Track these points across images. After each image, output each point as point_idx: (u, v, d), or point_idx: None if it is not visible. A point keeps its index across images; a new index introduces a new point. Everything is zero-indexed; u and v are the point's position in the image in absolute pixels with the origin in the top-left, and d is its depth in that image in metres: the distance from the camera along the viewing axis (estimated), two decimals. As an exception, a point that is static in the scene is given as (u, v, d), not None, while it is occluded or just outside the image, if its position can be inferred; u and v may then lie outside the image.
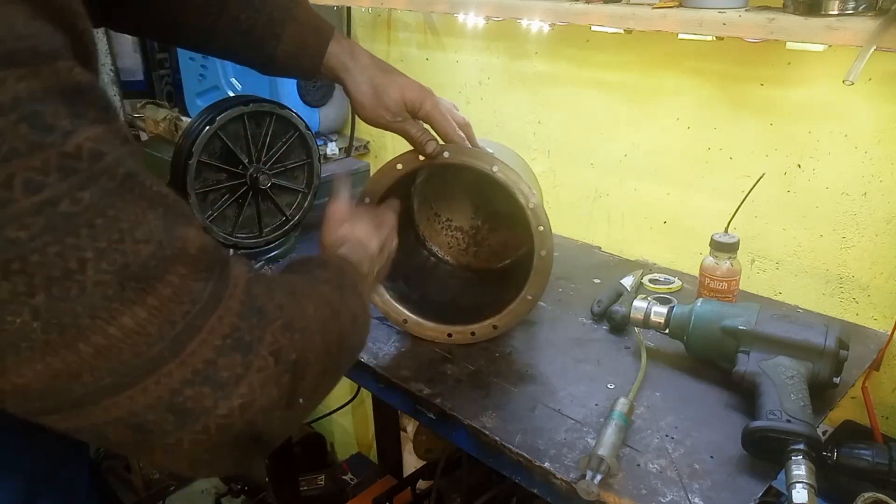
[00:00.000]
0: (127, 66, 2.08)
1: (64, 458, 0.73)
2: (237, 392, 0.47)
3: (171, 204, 0.47)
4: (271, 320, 0.51)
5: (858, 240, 1.10)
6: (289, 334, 0.51)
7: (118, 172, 0.44)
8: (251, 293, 0.50)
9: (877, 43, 0.84)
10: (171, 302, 0.45)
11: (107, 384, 0.44)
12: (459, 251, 1.24)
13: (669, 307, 0.98)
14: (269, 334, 0.50)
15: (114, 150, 0.44)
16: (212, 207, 1.24)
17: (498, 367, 1.00)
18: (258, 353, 0.49)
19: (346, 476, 2.23)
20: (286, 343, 0.51)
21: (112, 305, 0.43)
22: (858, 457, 0.81)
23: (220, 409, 0.47)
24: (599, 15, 1.12)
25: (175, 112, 1.63)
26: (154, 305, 0.44)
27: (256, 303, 0.50)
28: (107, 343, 0.43)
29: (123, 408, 0.45)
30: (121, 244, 0.43)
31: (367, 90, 0.91)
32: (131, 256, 0.43)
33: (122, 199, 0.44)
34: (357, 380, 1.09)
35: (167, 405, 0.45)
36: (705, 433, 0.85)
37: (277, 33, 0.90)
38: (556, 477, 0.79)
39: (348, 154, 1.79)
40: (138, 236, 0.44)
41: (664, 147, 1.29)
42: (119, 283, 0.43)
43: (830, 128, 1.08)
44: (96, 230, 0.42)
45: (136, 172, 0.45)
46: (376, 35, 1.75)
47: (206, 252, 0.48)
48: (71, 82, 0.43)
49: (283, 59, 0.91)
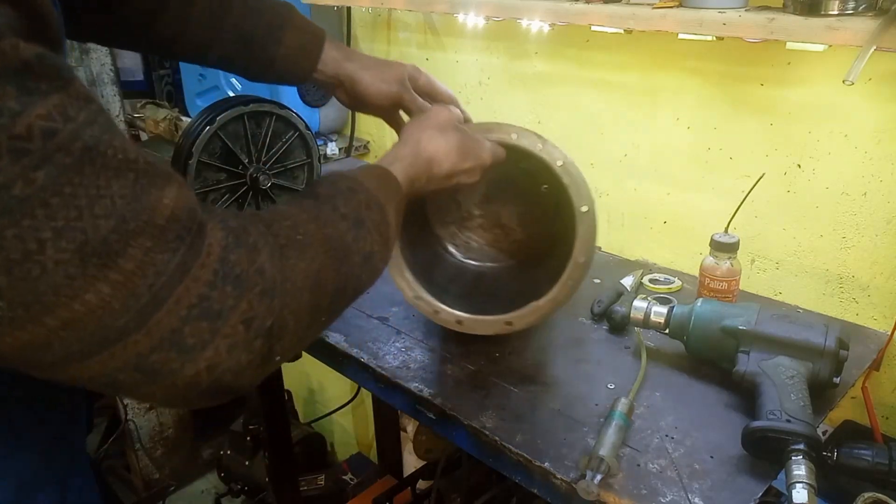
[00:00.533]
0: (127, 66, 2.09)
1: (59, 454, 0.73)
2: (203, 356, 0.48)
3: (141, 168, 0.46)
4: (248, 287, 0.50)
5: (858, 240, 1.10)
6: (266, 300, 0.51)
7: (74, 147, 0.43)
8: (227, 261, 0.50)
9: (877, 43, 0.84)
10: (135, 276, 0.45)
11: (76, 351, 0.45)
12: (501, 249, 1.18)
13: (669, 307, 0.98)
14: (244, 302, 0.50)
15: (69, 123, 0.43)
16: (212, 207, 1.24)
17: (498, 367, 0.99)
18: (227, 321, 0.49)
19: (346, 476, 2.23)
20: (262, 310, 0.51)
21: (75, 283, 0.43)
22: (858, 457, 0.81)
23: (186, 371, 0.48)
24: (599, 15, 1.12)
25: (175, 112, 1.63)
26: (117, 280, 0.44)
27: (233, 270, 0.50)
28: (72, 317, 0.44)
29: (95, 370, 0.46)
30: (79, 221, 0.43)
31: (370, 69, 0.94)
32: (90, 233, 0.43)
33: (80, 173, 0.43)
34: (357, 380, 1.08)
35: (135, 366, 0.47)
36: (705, 433, 0.85)
37: (277, 38, 0.91)
38: (556, 477, 0.79)
39: (348, 154, 1.79)
40: (97, 211, 0.44)
41: (664, 147, 1.29)
42: (80, 260, 0.43)
43: (830, 128, 1.08)
44: (52, 209, 0.42)
45: (97, 143, 0.44)
46: (376, 35, 1.75)
47: (177, 220, 0.47)
48: (16, 60, 0.42)
49: (281, 63, 0.93)
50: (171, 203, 0.47)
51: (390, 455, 2.03)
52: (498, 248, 1.17)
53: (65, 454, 0.75)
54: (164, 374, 0.48)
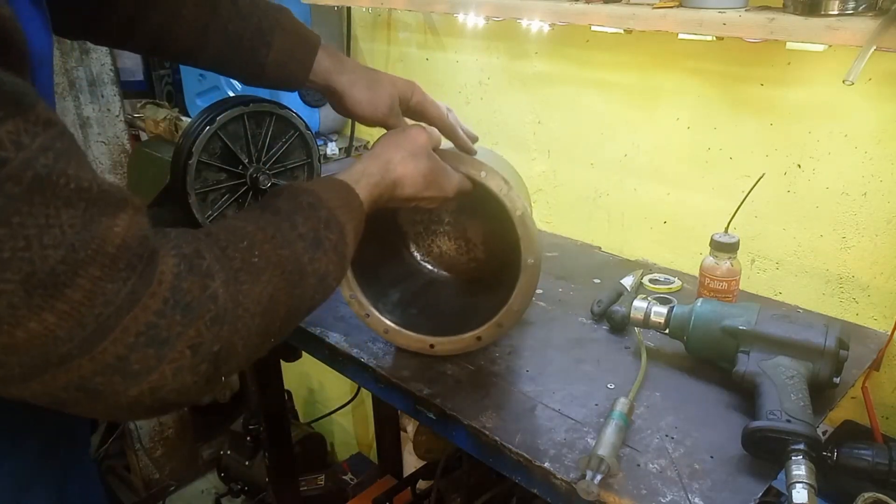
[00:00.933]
0: (127, 66, 2.09)
1: (59, 453, 0.73)
2: (147, 379, 0.48)
3: (94, 197, 0.46)
4: (199, 315, 0.50)
5: (858, 240, 1.10)
6: (216, 327, 0.51)
7: (25, 176, 0.43)
8: (178, 289, 0.49)
9: (877, 43, 0.84)
10: (83, 305, 0.45)
11: (16, 374, 0.45)
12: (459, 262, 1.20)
13: (669, 307, 0.98)
14: (192, 329, 0.50)
15: (21, 152, 0.43)
16: (212, 207, 1.24)
17: (498, 367, 0.99)
18: (174, 348, 0.49)
19: (346, 476, 2.23)
20: (210, 337, 0.51)
21: (18, 312, 0.43)
22: (858, 457, 0.81)
23: (130, 392, 0.48)
24: (599, 15, 1.12)
25: (175, 112, 1.63)
26: (63, 310, 0.44)
27: (184, 298, 0.50)
28: (13, 343, 0.44)
29: (36, 390, 0.47)
30: (27, 251, 0.43)
31: (361, 87, 0.91)
32: (38, 263, 0.43)
33: (28, 203, 0.43)
34: (357, 380, 1.08)
35: (77, 387, 0.47)
36: (705, 433, 0.85)
37: (267, 41, 0.90)
38: (556, 477, 0.79)
39: (348, 154, 1.79)
40: (46, 241, 0.43)
41: (664, 147, 1.29)
42: (25, 291, 0.43)
43: (830, 128, 1.08)
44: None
45: (49, 172, 0.44)
46: (376, 35, 1.75)
47: (128, 248, 0.47)
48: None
49: (272, 68, 0.91)
50: (122, 231, 0.47)
51: (390, 455, 2.03)
52: (456, 261, 1.19)
53: (66, 453, 0.74)
54: (106, 394, 0.48)
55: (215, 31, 0.90)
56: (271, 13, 0.91)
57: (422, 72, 1.65)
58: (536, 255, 0.91)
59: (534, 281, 0.93)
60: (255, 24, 0.90)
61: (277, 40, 0.90)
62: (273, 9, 0.92)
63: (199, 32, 0.90)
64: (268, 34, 0.90)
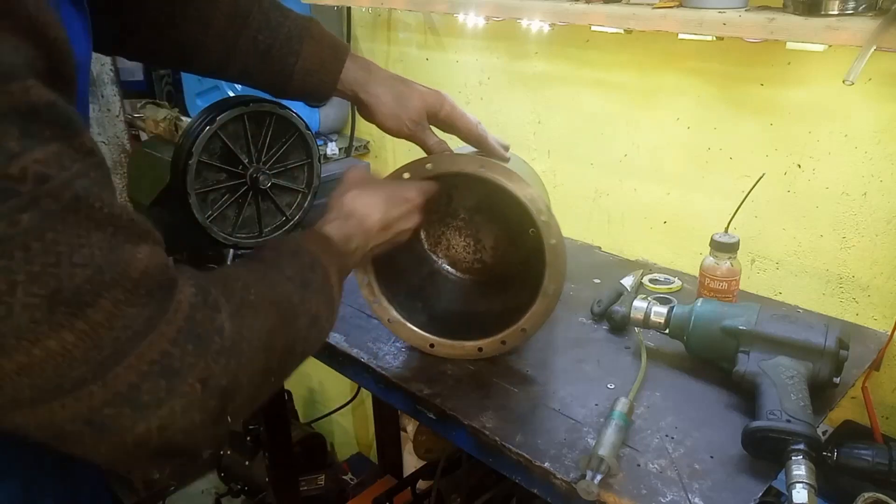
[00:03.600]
0: (127, 66, 2.08)
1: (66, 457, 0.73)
2: (157, 414, 0.48)
3: (122, 224, 0.47)
4: (208, 347, 0.51)
5: (858, 240, 1.10)
6: (224, 360, 0.52)
7: (64, 195, 0.44)
8: (193, 319, 0.50)
9: (877, 43, 0.84)
10: (102, 327, 0.45)
11: (26, 397, 0.45)
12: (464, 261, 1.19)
13: (669, 307, 0.98)
14: (202, 361, 0.50)
15: (63, 172, 0.44)
16: (212, 207, 1.24)
17: (498, 367, 0.99)
18: (185, 380, 0.49)
19: (346, 476, 2.23)
20: (219, 370, 0.51)
21: (39, 328, 0.43)
22: (858, 457, 0.81)
23: (138, 428, 0.48)
24: (599, 15, 1.12)
25: (175, 112, 1.62)
26: (83, 330, 0.44)
27: (196, 329, 0.50)
28: (29, 361, 0.44)
29: (43, 418, 0.46)
30: (56, 268, 0.43)
31: (388, 100, 0.91)
32: (65, 281, 0.44)
33: (63, 221, 0.44)
34: (357, 380, 1.08)
35: (85, 420, 0.46)
36: (705, 433, 0.85)
37: (296, 50, 0.90)
38: (556, 477, 0.79)
39: (348, 154, 1.79)
40: (76, 260, 0.44)
41: (664, 147, 1.29)
42: (48, 306, 0.43)
43: (830, 128, 1.08)
44: (31, 253, 0.42)
45: (87, 194, 0.45)
46: (376, 35, 1.75)
47: (150, 276, 0.48)
48: (26, 103, 0.43)
49: (300, 77, 0.91)
50: (144, 258, 0.48)
51: (390, 455, 2.03)
52: (461, 258, 1.19)
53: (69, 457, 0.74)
54: (113, 429, 0.47)
55: (245, 42, 0.89)
56: (301, 22, 0.91)
57: (422, 72, 1.65)
58: (559, 285, 0.92)
59: (550, 308, 0.94)
60: (285, 34, 0.90)
61: (306, 49, 0.90)
62: (302, 19, 0.92)
63: (230, 44, 0.90)
64: (296, 43, 0.90)
